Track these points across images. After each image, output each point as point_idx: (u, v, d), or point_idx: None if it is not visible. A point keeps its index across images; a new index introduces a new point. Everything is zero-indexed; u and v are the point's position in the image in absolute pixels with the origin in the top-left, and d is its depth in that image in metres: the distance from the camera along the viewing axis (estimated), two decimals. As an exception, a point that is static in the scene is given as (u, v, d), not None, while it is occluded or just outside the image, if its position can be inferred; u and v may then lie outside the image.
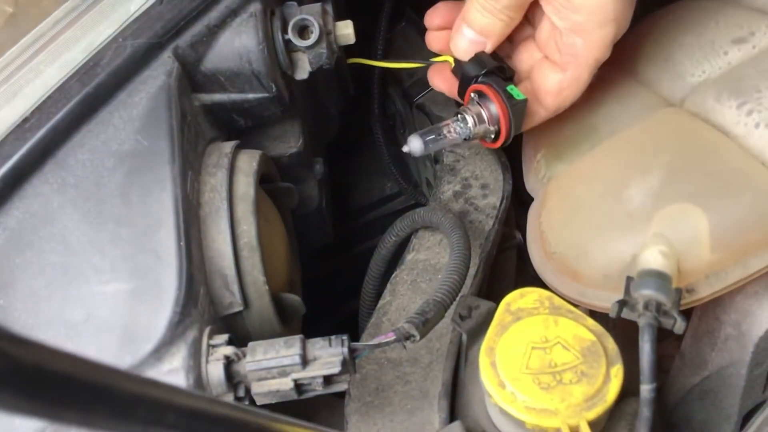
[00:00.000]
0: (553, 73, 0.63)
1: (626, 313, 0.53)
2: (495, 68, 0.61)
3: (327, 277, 0.95)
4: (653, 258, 0.54)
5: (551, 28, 0.61)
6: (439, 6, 0.69)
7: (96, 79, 0.53)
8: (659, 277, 0.52)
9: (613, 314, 0.53)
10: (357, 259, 1.01)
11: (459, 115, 0.62)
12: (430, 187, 0.91)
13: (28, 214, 0.51)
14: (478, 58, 0.62)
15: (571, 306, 0.55)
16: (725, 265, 0.56)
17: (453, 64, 0.65)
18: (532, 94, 0.64)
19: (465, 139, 0.63)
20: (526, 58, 0.66)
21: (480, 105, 0.61)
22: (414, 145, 0.61)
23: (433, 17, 0.68)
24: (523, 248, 0.79)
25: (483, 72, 0.61)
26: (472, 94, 0.63)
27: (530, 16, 0.65)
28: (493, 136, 0.63)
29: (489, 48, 0.63)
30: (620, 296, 0.54)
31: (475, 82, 0.62)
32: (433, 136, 0.62)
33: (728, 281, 0.56)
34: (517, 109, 0.61)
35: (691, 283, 0.56)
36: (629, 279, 0.54)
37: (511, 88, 0.61)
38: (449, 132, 0.62)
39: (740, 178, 0.56)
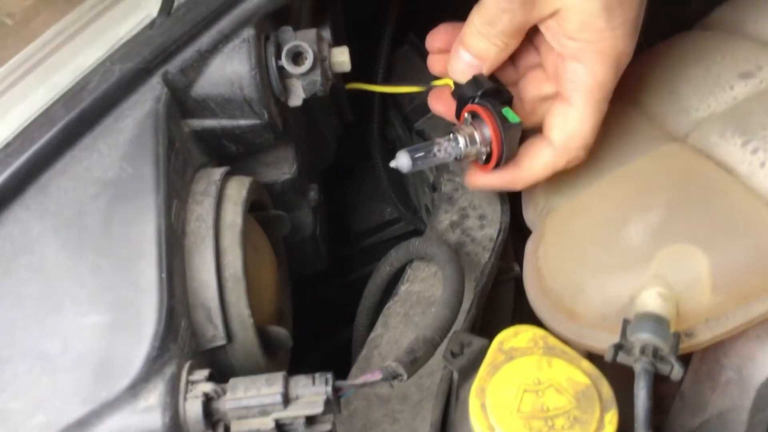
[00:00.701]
0: (558, 106, 0.61)
1: (622, 357, 0.51)
2: (491, 90, 0.60)
3: (322, 303, 0.93)
4: (651, 300, 0.52)
5: (555, 55, 0.60)
6: (439, 28, 0.67)
7: (82, 104, 0.52)
8: (657, 321, 0.50)
9: (608, 358, 0.51)
10: (354, 285, 0.99)
11: (451, 134, 0.61)
12: (429, 213, 0.89)
13: (7, 241, 0.50)
14: (476, 80, 0.61)
15: (565, 346, 0.53)
16: (726, 309, 0.54)
17: (453, 87, 0.64)
18: (538, 137, 0.62)
19: (456, 159, 0.62)
20: (532, 88, 0.65)
21: (473, 126, 0.60)
22: (402, 160, 0.60)
23: (433, 40, 0.67)
24: (521, 280, 0.78)
25: (479, 93, 0.60)
26: (466, 115, 0.62)
27: (536, 44, 0.64)
28: (484, 158, 0.62)
29: (485, 71, 0.61)
30: (617, 337, 0.52)
31: (471, 102, 0.61)
32: (422, 154, 0.60)
33: (729, 326, 0.54)
34: (511, 132, 0.59)
35: (691, 327, 0.54)
36: (626, 321, 0.52)
37: (506, 110, 0.59)
38: (439, 151, 0.61)
39: (743, 219, 0.54)
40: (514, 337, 0.54)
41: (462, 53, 0.61)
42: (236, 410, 0.48)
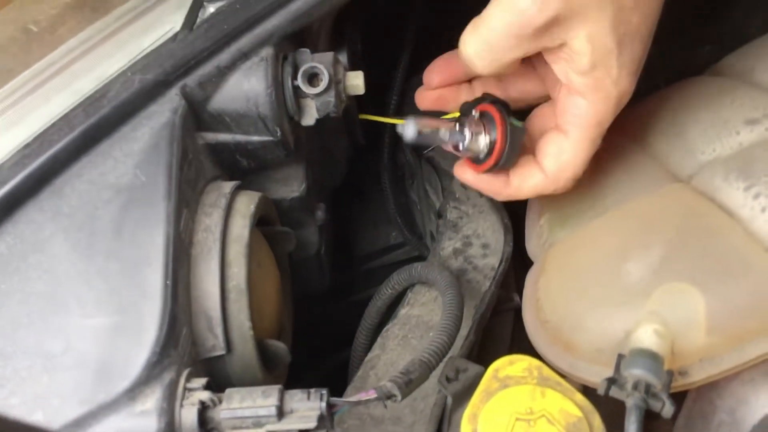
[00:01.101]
0: (555, 135, 0.62)
1: (615, 392, 0.51)
2: (501, 100, 0.63)
3: (323, 323, 0.94)
4: (647, 337, 0.53)
5: (560, 87, 0.61)
6: (435, 63, 0.68)
7: (101, 111, 0.53)
8: (651, 358, 0.51)
9: (601, 392, 0.51)
10: (355, 307, 0.99)
11: (457, 125, 0.63)
12: (434, 240, 0.90)
13: (18, 240, 0.51)
14: (487, 94, 0.64)
15: (560, 378, 0.54)
16: (720, 350, 0.54)
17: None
18: (531, 159, 0.63)
19: (454, 149, 0.63)
20: (537, 122, 0.66)
21: (483, 123, 0.62)
22: (408, 128, 0.61)
23: (431, 76, 0.68)
24: (520, 311, 0.78)
25: (491, 99, 0.62)
26: (475, 112, 0.63)
27: (543, 75, 0.65)
28: (482, 157, 0.63)
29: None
30: (611, 372, 0.53)
31: (485, 102, 0.63)
32: (428, 130, 0.62)
33: (722, 367, 0.54)
34: (515, 134, 0.61)
35: (684, 366, 0.54)
36: (620, 356, 0.52)
37: (513, 119, 0.61)
38: (443, 133, 0.63)
39: (741, 262, 0.55)
40: (510, 365, 0.55)
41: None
42: (231, 420, 0.48)
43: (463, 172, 0.66)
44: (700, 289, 0.54)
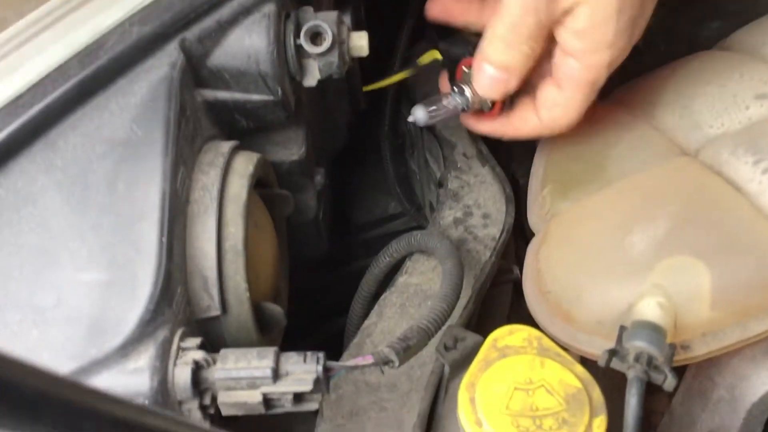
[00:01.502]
0: (550, 87, 0.63)
1: (616, 363, 0.51)
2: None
3: (318, 291, 0.93)
4: (650, 309, 0.52)
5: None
6: None
7: (97, 62, 0.51)
8: (654, 330, 0.50)
9: (602, 363, 0.51)
10: (351, 276, 0.99)
11: (455, 88, 0.64)
12: (433, 210, 0.89)
13: (10, 192, 0.50)
14: (461, 38, 0.65)
15: (560, 349, 0.53)
16: (724, 324, 0.53)
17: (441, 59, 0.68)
18: (531, 103, 0.65)
19: (463, 110, 0.65)
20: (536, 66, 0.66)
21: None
22: (418, 114, 0.63)
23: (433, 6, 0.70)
24: (519, 284, 0.77)
25: (470, 48, 0.63)
26: (464, 68, 0.64)
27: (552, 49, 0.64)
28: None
29: (514, 84, 0.62)
30: (612, 344, 0.52)
31: (465, 56, 0.63)
32: (435, 107, 0.64)
33: (725, 342, 0.54)
34: None
35: (687, 340, 0.54)
36: (622, 328, 0.52)
37: None
38: (448, 103, 0.64)
39: (748, 237, 0.54)
40: (509, 335, 0.54)
41: (486, 68, 0.61)
42: (225, 381, 0.48)
43: (478, 124, 0.69)
44: (706, 263, 0.53)
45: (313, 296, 0.89)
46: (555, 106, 0.63)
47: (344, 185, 0.97)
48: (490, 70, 0.61)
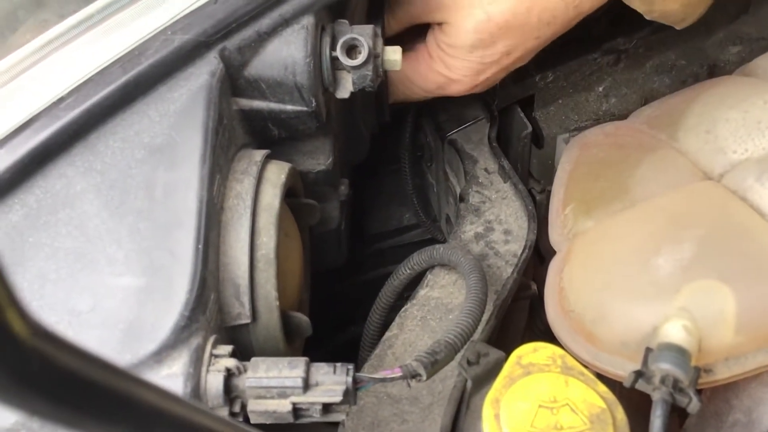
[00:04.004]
0: None
1: (641, 385, 0.51)
2: None
3: (329, 300, 0.93)
4: (676, 332, 0.52)
5: None
6: None
7: (138, 68, 0.52)
8: (680, 353, 0.51)
9: (627, 384, 0.51)
10: (363, 286, 0.99)
11: None
12: (449, 223, 0.90)
13: (49, 194, 0.50)
14: None
15: (583, 368, 0.53)
16: (747, 349, 0.54)
17: None
18: None
19: None
20: None
21: None
22: None
23: None
24: (536, 299, 0.78)
25: None
26: None
27: None
28: None
29: None
30: (634, 365, 0.53)
31: None
32: None
33: (748, 366, 0.54)
34: None
35: (710, 363, 0.54)
36: (648, 350, 0.52)
37: None
38: None
39: (774, 263, 0.55)
40: (533, 352, 0.54)
41: None
42: (255, 389, 0.48)
43: None
44: (731, 288, 0.54)
45: (324, 305, 0.89)
46: None
47: (359, 195, 0.98)
48: None
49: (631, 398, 0.54)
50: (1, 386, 0.18)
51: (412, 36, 0.73)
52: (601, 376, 0.58)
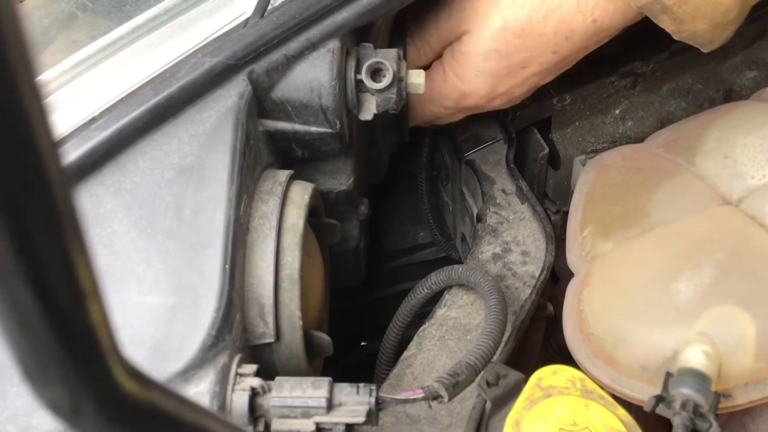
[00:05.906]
0: None
1: (661, 409, 0.51)
2: None
3: (343, 318, 0.94)
4: (696, 357, 0.53)
5: None
6: None
7: (169, 90, 0.53)
8: (700, 378, 0.51)
9: (648, 408, 0.52)
10: (375, 303, 1.00)
11: None
12: (465, 242, 0.90)
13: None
14: None
15: (603, 392, 0.54)
16: (766, 375, 0.54)
17: None
18: None
19: None
20: None
21: None
22: None
23: None
24: (551, 321, 0.78)
25: None
26: None
27: None
28: None
29: None
30: (654, 389, 0.53)
31: None
32: None
33: (767, 392, 0.54)
34: None
35: (729, 389, 0.55)
36: (668, 375, 0.52)
37: None
38: None
39: (793, 290, 0.55)
40: (553, 375, 0.55)
41: None
42: (279, 408, 0.49)
43: None
44: (751, 315, 0.54)
45: (338, 323, 0.90)
46: None
47: (374, 214, 0.98)
48: None
49: (648, 422, 0.55)
50: (100, 424, 0.18)
51: None
52: (619, 399, 0.58)
